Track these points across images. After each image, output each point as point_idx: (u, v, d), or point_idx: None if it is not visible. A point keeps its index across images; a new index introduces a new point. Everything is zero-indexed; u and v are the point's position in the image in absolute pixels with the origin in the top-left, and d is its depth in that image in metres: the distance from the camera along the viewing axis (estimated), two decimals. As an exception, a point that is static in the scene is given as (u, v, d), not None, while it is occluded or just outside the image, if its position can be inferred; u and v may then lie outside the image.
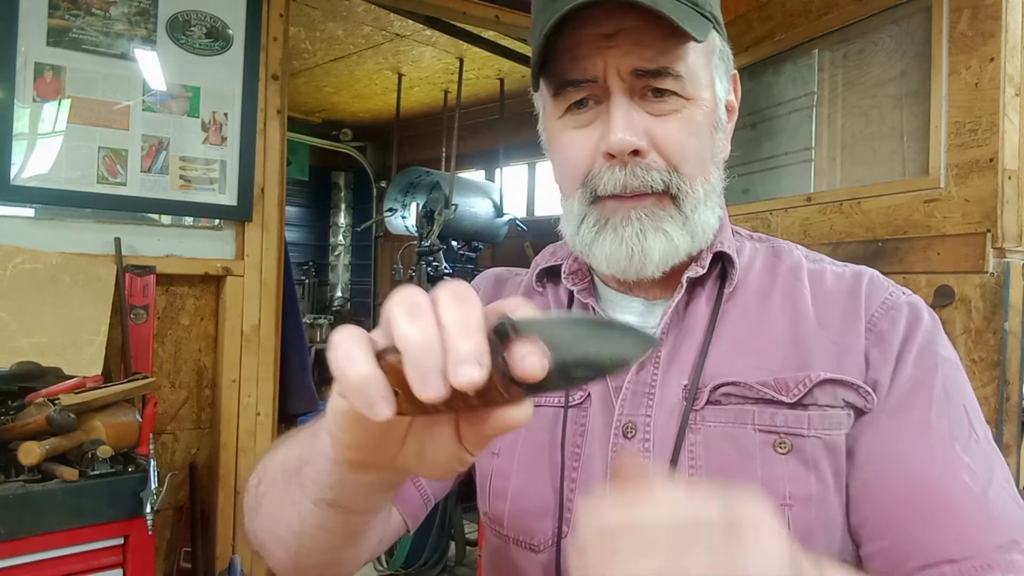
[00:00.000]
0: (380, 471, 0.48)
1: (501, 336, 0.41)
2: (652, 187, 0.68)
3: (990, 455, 0.65)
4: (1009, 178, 1.62)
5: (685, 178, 0.69)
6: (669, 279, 0.74)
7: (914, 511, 0.63)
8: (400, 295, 0.40)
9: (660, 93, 0.68)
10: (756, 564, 0.38)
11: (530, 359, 0.38)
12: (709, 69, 0.72)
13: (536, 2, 0.72)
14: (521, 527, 0.74)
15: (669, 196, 0.69)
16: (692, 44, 0.67)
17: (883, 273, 0.77)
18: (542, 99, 0.76)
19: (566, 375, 0.41)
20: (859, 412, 0.68)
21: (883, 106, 1.94)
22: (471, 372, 0.37)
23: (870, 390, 0.68)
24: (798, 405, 0.67)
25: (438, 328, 0.38)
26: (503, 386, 0.41)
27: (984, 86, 1.65)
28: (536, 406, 0.76)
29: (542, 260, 0.86)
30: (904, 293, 0.74)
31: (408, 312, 0.39)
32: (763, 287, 0.76)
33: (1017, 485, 0.65)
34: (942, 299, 1.70)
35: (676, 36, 0.65)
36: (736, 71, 0.79)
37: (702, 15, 0.68)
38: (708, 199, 0.72)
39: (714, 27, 0.71)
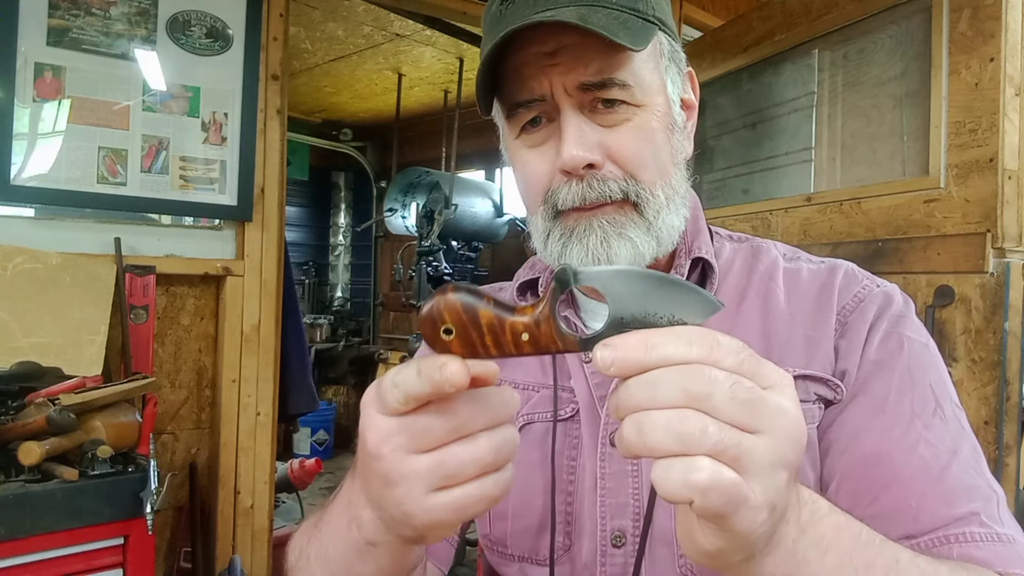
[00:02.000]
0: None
1: (561, 284, 0.41)
2: (610, 197, 0.69)
3: (957, 432, 0.65)
4: (1009, 178, 1.62)
5: (644, 185, 0.69)
6: None
7: (871, 488, 0.64)
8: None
9: (610, 103, 0.68)
10: (776, 369, 0.41)
11: None
12: (658, 72, 0.72)
13: (484, 29, 0.74)
14: (526, 545, 0.75)
15: (630, 203, 0.70)
16: (635, 51, 0.67)
17: (883, 273, 0.77)
18: (499, 120, 0.77)
19: (622, 331, 0.40)
20: (829, 404, 0.69)
21: (883, 106, 1.94)
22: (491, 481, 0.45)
23: (839, 382, 0.69)
24: None
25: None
26: (558, 335, 0.41)
27: (984, 86, 1.65)
28: (528, 423, 0.77)
29: (522, 274, 0.87)
30: (879, 285, 0.74)
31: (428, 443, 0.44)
32: (739, 288, 0.77)
33: (1017, 485, 0.65)
34: (942, 299, 1.70)
35: (617, 47, 0.66)
36: (691, 69, 0.79)
37: (644, 20, 0.68)
38: (671, 202, 0.72)
39: (660, 29, 0.71)
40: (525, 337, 0.42)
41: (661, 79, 0.72)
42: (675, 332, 0.39)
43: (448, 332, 0.42)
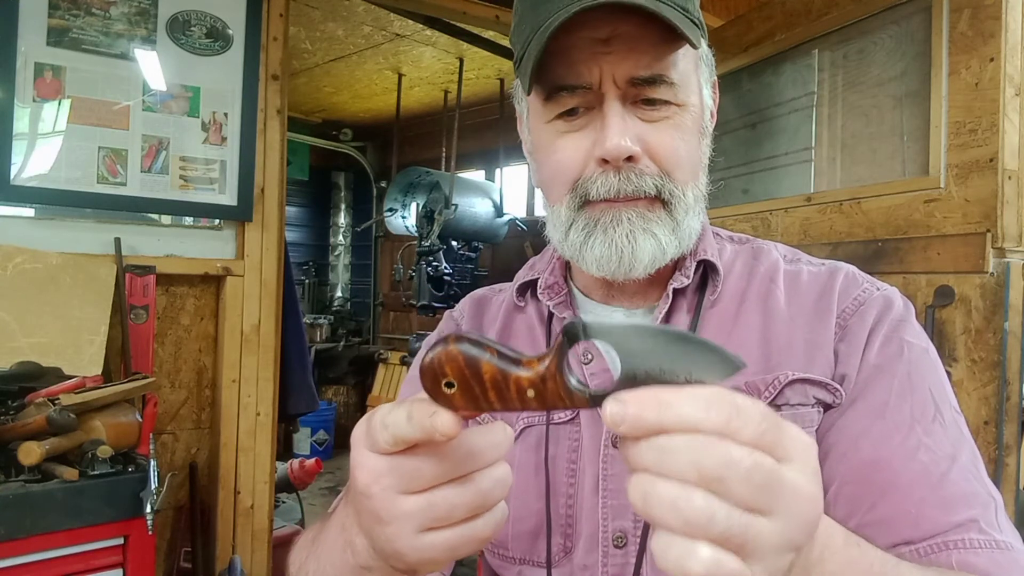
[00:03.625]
0: None
1: (570, 339, 0.39)
2: (645, 192, 0.68)
3: (956, 438, 0.65)
4: (1009, 178, 1.62)
5: (677, 184, 0.69)
6: (650, 287, 0.74)
7: (871, 493, 0.64)
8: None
9: (651, 101, 0.68)
10: (799, 437, 0.39)
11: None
12: (697, 75, 0.72)
13: (524, 8, 0.71)
14: (527, 547, 0.74)
15: (660, 201, 0.69)
16: (682, 50, 0.67)
17: (883, 273, 0.77)
18: (526, 102, 0.75)
19: (634, 387, 0.38)
20: (828, 408, 0.69)
21: (883, 106, 1.94)
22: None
23: (838, 386, 0.68)
24: (770, 407, 0.68)
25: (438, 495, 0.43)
26: (566, 393, 0.39)
27: (984, 86, 1.65)
28: (528, 427, 0.76)
29: (522, 275, 0.86)
30: (879, 288, 0.74)
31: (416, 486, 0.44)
32: (740, 291, 0.76)
33: (1017, 485, 0.65)
34: (942, 299, 1.70)
35: (669, 42, 0.65)
36: (716, 78, 0.79)
37: (692, 21, 0.68)
38: (696, 204, 0.72)
39: (701, 33, 0.71)
40: (531, 394, 0.40)
41: (698, 81, 0.72)
42: (692, 393, 0.37)
43: (450, 386, 0.40)
